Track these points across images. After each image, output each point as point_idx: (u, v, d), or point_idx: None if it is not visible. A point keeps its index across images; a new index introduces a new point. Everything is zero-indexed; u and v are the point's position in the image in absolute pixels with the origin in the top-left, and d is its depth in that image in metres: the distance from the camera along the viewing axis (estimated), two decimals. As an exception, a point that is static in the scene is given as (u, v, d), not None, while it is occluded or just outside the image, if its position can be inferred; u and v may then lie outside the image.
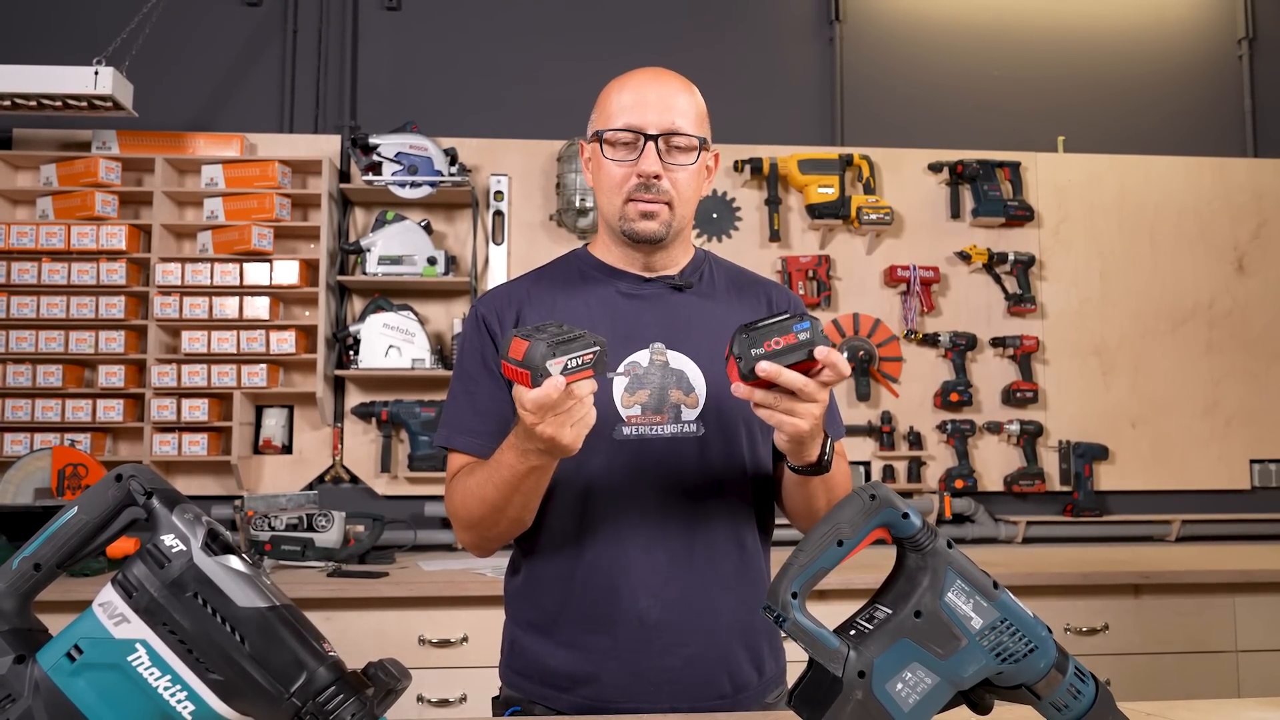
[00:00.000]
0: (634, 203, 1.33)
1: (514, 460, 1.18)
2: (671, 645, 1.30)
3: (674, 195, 1.33)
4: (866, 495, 0.94)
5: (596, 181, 1.39)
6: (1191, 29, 3.88)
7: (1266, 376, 3.64)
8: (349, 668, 0.83)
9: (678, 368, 1.34)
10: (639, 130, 1.31)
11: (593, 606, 1.31)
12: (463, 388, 1.39)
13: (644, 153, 1.31)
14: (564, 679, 1.33)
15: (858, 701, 0.90)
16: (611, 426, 1.31)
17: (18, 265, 3.15)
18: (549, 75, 3.59)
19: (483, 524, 1.29)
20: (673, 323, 1.37)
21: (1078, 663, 0.97)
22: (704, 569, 1.32)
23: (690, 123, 1.34)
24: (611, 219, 1.37)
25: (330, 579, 2.64)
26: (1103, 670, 1.21)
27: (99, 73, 2.87)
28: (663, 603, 1.30)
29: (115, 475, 0.84)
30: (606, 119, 1.35)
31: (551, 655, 1.34)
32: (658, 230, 1.34)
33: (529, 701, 1.36)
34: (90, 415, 3.13)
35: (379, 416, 3.28)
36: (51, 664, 0.80)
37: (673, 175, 1.33)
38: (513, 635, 1.41)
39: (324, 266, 3.24)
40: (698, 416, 1.33)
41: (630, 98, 1.33)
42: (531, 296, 1.40)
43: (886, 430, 3.45)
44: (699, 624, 1.31)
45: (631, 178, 1.32)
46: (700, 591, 1.32)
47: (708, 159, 1.39)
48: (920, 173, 3.60)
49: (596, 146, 1.36)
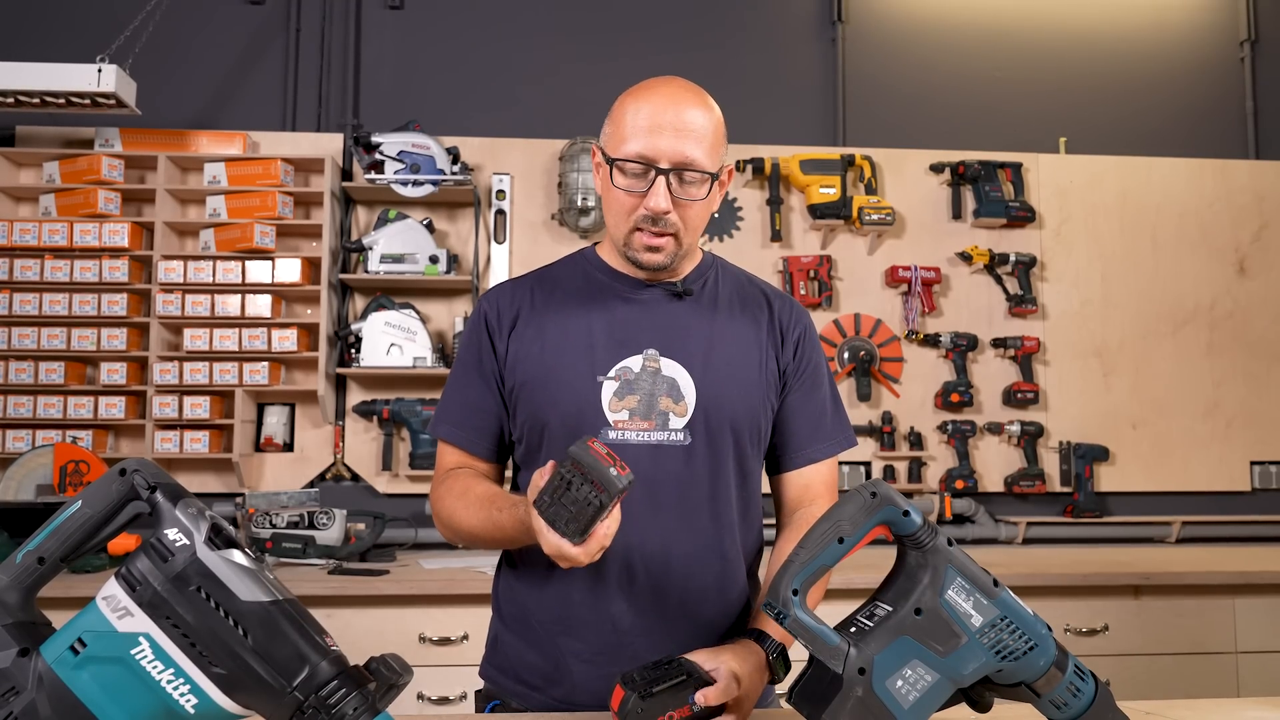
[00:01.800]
0: (640, 233, 1.31)
1: (512, 529, 1.23)
2: (644, 650, 1.29)
3: (681, 228, 1.31)
4: (867, 493, 0.94)
5: (605, 199, 1.35)
6: (1193, 31, 3.88)
7: (1267, 378, 3.64)
8: (351, 663, 0.84)
9: (669, 375, 1.33)
10: (650, 163, 1.26)
11: (567, 609, 1.32)
12: (456, 381, 1.42)
13: (653, 188, 1.27)
14: (538, 677, 1.34)
15: (858, 698, 0.90)
16: (597, 430, 1.30)
17: (20, 262, 3.15)
18: (551, 75, 3.60)
19: (462, 538, 1.37)
20: (668, 330, 1.36)
21: (1077, 661, 0.97)
22: (682, 577, 1.31)
23: (704, 151, 1.28)
24: (617, 240, 1.35)
25: (331, 577, 2.64)
26: (1103, 671, 1.21)
27: (102, 70, 2.87)
28: (637, 608, 1.30)
29: (119, 469, 0.85)
30: (619, 141, 1.29)
31: (526, 653, 1.35)
32: (661, 261, 1.32)
33: (506, 696, 1.37)
34: (92, 412, 3.14)
35: (380, 415, 3.28)
36: (55, 657, 0.80)
37: (682, 210, 1.29)
38: (495, 631, 1.43)
39: (326, 265, 3.25)
40: (685, 425, 1.32)
41: (645, 120, 1.27)
42: (535, 294, 1.40)
43: (887, 430, 3.45)
44: (673, 630, 1.31)
45: (639, 209, 1.29)
46: (676, 599, 1.31)
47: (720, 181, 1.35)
48: (922, 173, 3.60)
49: (605, 166, 1.32)
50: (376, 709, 0.81)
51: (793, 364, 1.41)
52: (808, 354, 1.43)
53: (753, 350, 1.38)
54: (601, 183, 1.35)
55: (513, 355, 1.36)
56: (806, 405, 1.42)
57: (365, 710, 0.80)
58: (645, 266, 1.33)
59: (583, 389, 1.31)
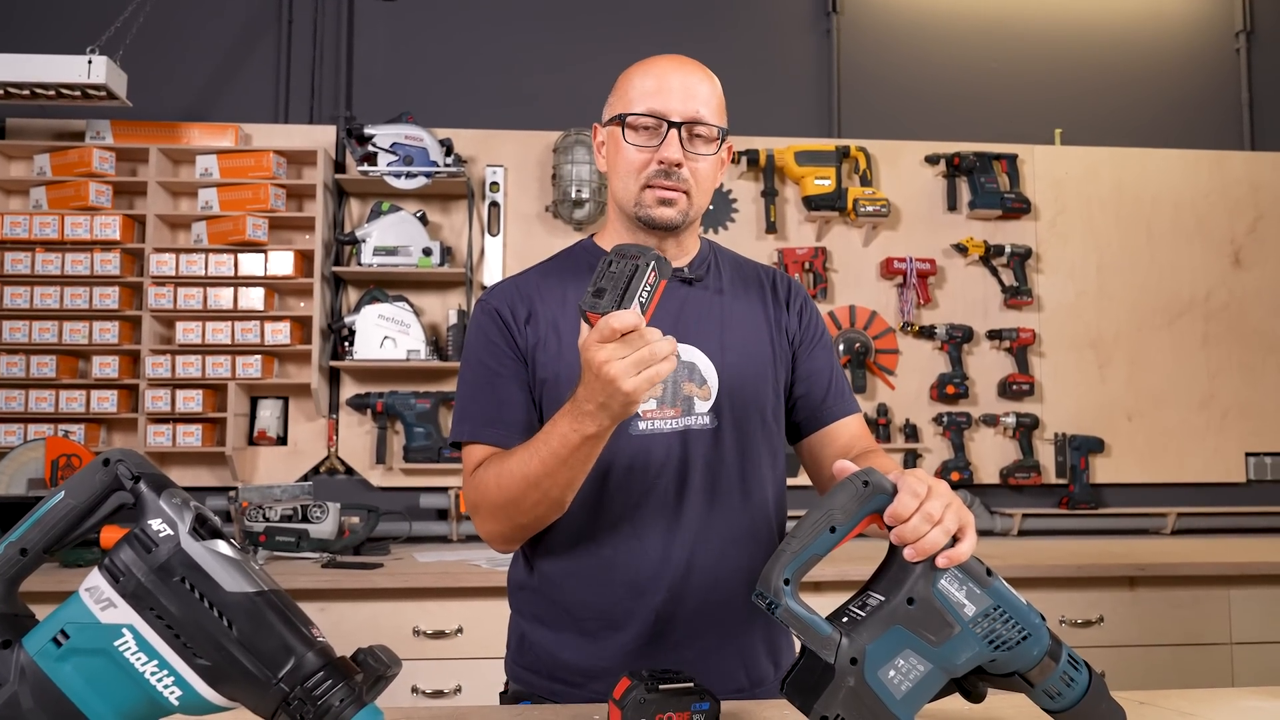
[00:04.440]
0: (652, 189, 1.32)
1: (567, 428, 1.13)
2: (686, 638, 1.29)
3: (692, 185, 1.33)
4: (859, 481, 0.94)
5: (612, 165, 1.37)
6: (1189, 22, 3.87)
7: (1262, 370, 3.64)
8: (339, 654, 0.83)
9: (689, 360, 1.34)
10: (662, 116, 1.30)
11: (608, 602, 1.31)
12: (484, 381, 1.35)
13: (666, 139, 1.30)
14: (577, 674, 1.32)
15: (850, 688, 0.90)
16: (629, 422, 1.29)
17: (11, 255, 3.13)
18: (545, 66, 3.58)
19: (519, 505, 1.23)
20: (683, 316, 1.36)
21: (1071, 651, 0.97)
22: (720, 562, 1.31)
23: (712, 112, 1.33)
24: (626, 204, 1.35)
25: (325, 570, 2.63)
26: (1098, 662, 1.21)
27: (93, 62, 2.85)
28: (678, 597, 1.29)
29: (103, 460, 0.84)
30: (628, 103, 1.33)
31: (563, 650, 1.33)
32: (674, 218, 1.33)
33: (538, 696, 1.35)
34: (84, 406, 3.12)
35: (374, 408, 3.27)
36: (38, 649, 0.79)
37: (693, 165, 1.32)
38: (521, 630, 1.39)
39: (319, 257, 3.23)
40: (710, 409, 1.33)
41: (654, 83, 1.32)
42: (541, 290, 1.38)
43: (883, 422, 3.45)
44: (715, 617, 1.31)
45: (652, 164, 1.31)
46: (716, 584, 1.31)
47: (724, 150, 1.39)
48: (917, 165, 3.59)
49: (614, 130, 1.35)
50: (363, 700, 0.80)
51: (800, 331, 1.44)
52: (811, 319, 1.47)
53: (762, 327, 1.41)
54: (609, 149, 1.37)
55: (532, 351, 1.34)
56: (827, 365, 1.45)
57: (351, 702, 0.79)
58: (658, 224, 1.33)
59: None
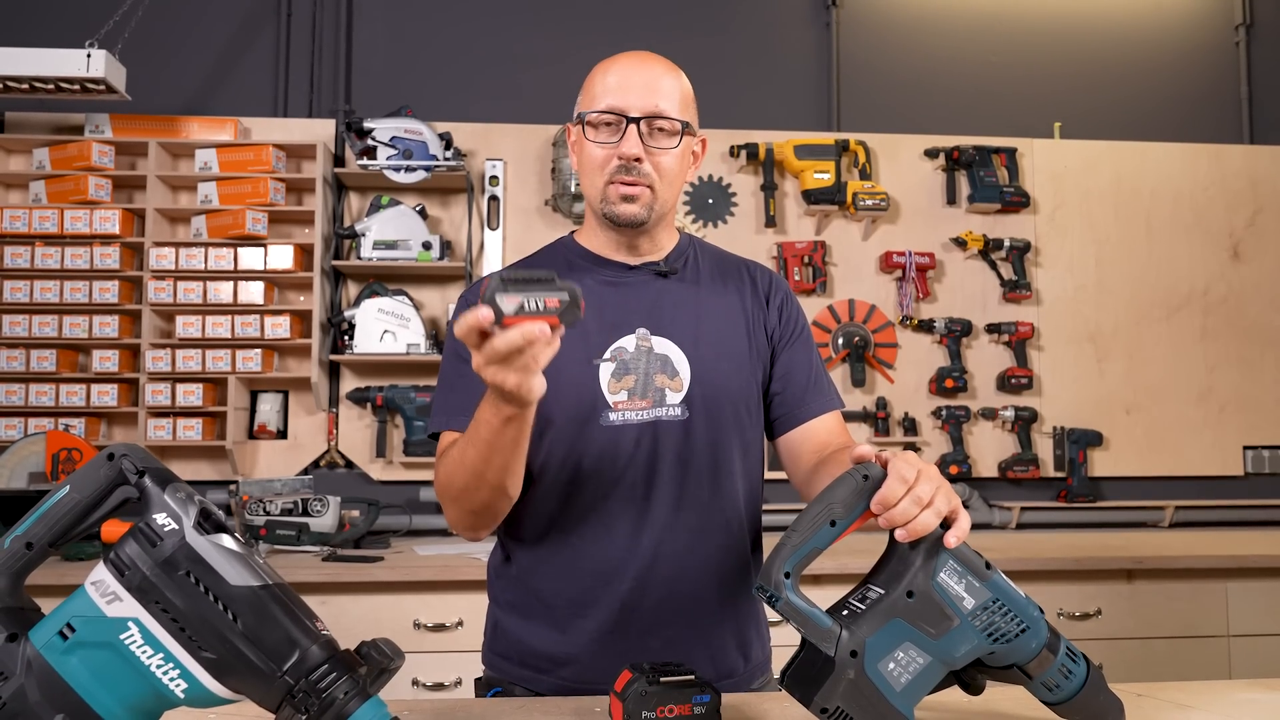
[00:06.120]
0: (615, 185, 1.32)
1: (489, 413, 1.11)
2: (652, 627, 1.31)
3: (655, 179, 1.33)
4: (859, 475, 0.94)
5: (580, 164, 1.39)
6: (1189, 15, 3.87)
7: (1260, 363, 3.65)
8: (342, 647, 0.83)
9: (662, 353, 1.34)
10: (621, 113, 1.31)
11: (576, 590, 1.32)
12: (458, 371, 1.35)
13: (625, 135, 1.30)
14: (544, 660, 1.34)
15: (850, 681, 0.90)
16: (600, 413, 1.31)
17: (11, 249, 3.13)
18: (545, 60, 3.58)
19: (466, 494, 1.24)
20: (657, 309, 1.37)
21: (1069, 643, 0.97)
22: (688, 553, 1.32)
23: (674, 106, 1.33)
24: (594, 201, 1.37)
25: (325, 563, 2.64)
26: (1096, 655, 1.21)
27: (91, 55, 2.85)
28: (644, 586, 1.31)
29: (107, 454, 0.84)
30: (590, 101, 1.34)
31: (532, 637, 1.35)
32: (638, 213, 1.33)
33: (509, 683, 1.37)
34: (84, 400, 3.12)
35: (374, 401, 3.27)
36: (44, 642, 0.80)
37: (655, 159, 1.32)
38: (495, 617, 1.42)
39: (319, 251, 3.24)
40: (682, 400, 1.33)
41: (615, 80, 1.33)
42: None
43: (881, 416, 3.45)
44: (681, 607, 1.32)
45: (613, 160, 1.32)
46: (683, 575, 1.32)
47: (693, 144, 1.39)
48: (916, 158, 3.59)
49: (580, 129, 1.36)
50: (367, 693, 0.80)
51: (779, 326, 1.44)
52: (792, 314, 1.46)
53: (739, 321, 1.41)
54: (576, 150, 1.39)
55: None
56: (806, 361, 1.44)
57: (356, 694, 0.79)
58: (622, 220, 1.34)
59: (580, 374, 1.31)
